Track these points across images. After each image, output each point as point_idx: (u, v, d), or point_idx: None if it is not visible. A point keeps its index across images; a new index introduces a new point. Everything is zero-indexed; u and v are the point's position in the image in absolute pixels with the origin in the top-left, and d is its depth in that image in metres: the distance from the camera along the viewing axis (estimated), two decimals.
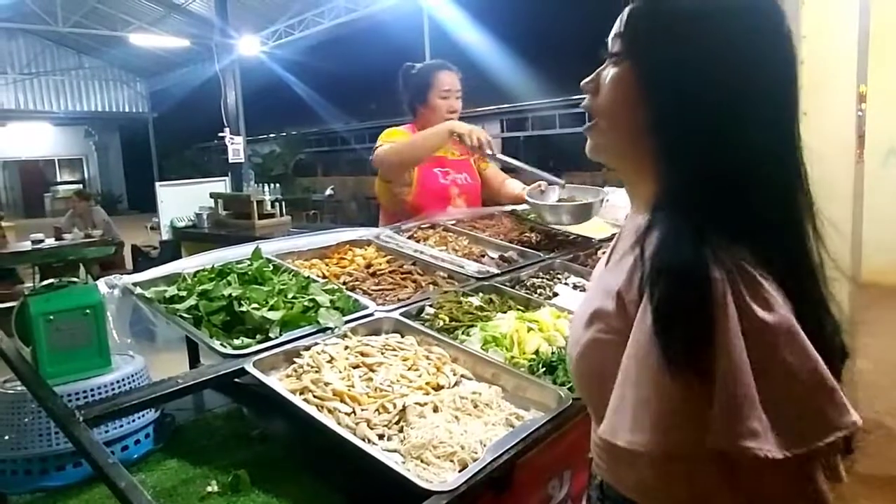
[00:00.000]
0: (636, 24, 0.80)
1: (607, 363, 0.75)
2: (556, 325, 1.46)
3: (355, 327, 1.34)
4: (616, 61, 0.82)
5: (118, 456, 1.09)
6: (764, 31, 0.76)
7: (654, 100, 0.76)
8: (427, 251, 1.96)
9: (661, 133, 0.76)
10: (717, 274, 0.66)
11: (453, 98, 2.45)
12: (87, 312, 1.12)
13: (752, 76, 0.74)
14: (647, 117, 0.77)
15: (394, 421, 1.03)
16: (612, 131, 0.83)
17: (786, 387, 0.67)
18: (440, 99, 2.42)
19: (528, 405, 1.16)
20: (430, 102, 2.42)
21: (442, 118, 2.39)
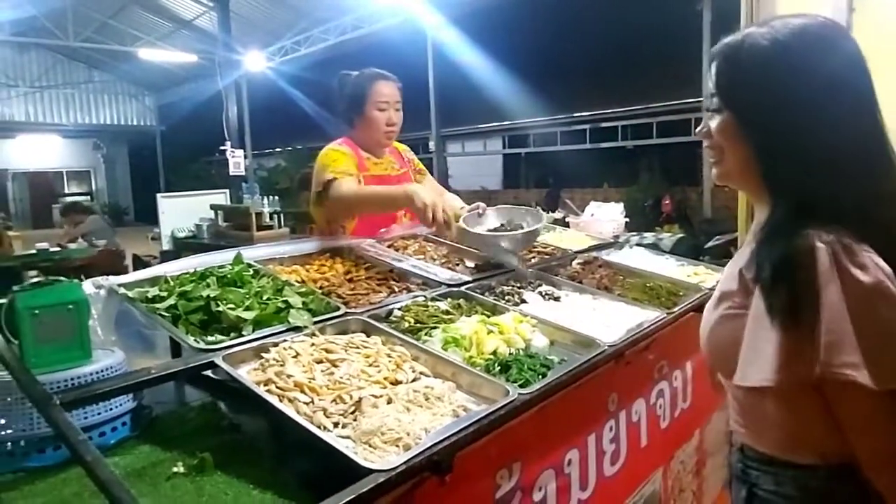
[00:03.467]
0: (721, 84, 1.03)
1: (735, 334, 0.98)
2: (518, 328, 1.53)
3: (324, 327, 1.43)
4: (718, 111, 1.04)
5: (96, 441, 1.17)
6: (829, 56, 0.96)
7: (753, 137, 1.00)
8: (405, 260, 2.05)
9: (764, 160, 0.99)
10: (818, 243, 0.87)
11: (392, 110, 2.32)
12: (70, 308, 1.21)
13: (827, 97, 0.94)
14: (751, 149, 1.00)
15: (349, 411, 1.11)
16: (727, 163, 1.06)
17: (881, 334, 0.86)
18: (377, 111, 2.30)
19: (481, 401, 1.23)
20: (366, 114, 2.30)
21: (379, 131, 2.31)
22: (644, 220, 8.45)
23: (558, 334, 1.61)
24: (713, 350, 1.09)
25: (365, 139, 2.35)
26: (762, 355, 0.91)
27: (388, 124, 2.32)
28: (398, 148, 2.54)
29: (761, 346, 0.92)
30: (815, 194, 0.94)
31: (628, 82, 11.95)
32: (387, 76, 2.35)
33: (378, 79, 2.33)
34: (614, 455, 1.63)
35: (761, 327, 0.92)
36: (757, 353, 0.93)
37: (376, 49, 12.91)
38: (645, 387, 1.78)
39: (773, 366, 0.89)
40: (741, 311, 0.98)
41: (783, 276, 0.90)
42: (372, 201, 2.17)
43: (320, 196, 2.20)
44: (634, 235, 2.92)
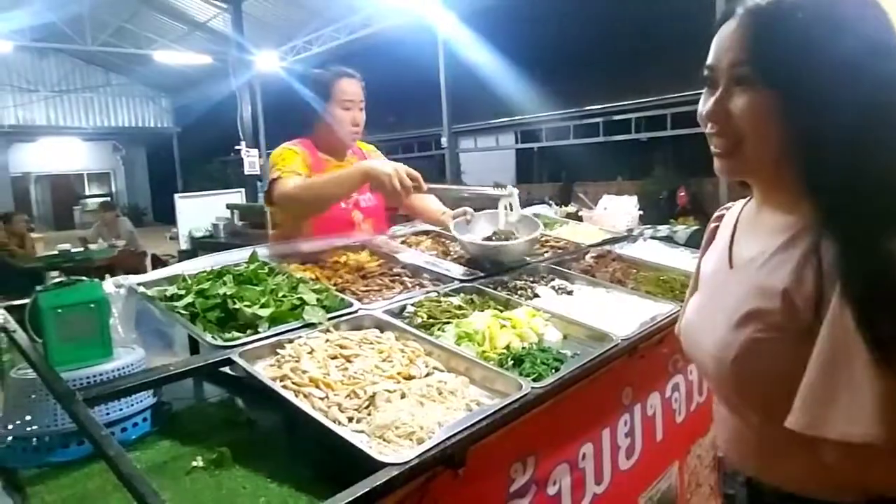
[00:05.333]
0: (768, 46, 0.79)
1: (772, 361, 0.80)
2: (531, 323, 1.54)
3: (338, 323, 1.45)
4: (748, 86, 0.82)
5: (118, 436, 1.20)
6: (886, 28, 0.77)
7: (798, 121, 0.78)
8: (418, 255, 2.06)
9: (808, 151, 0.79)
10: None
11: (356, 109, 2.17)
12: (92, 307, 1.24)
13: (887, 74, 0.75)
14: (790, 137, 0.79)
15: (363, 405, 1.13)
16: (751, 153, 0.84)
17: None
18: (341, 110, 2.14)
19: (495, 395, 1.24)
20: (329, 113, 2.14)
21: (344, 132, 2.16)
22: (659, 212, 8.39)
23: (571, 328, 1.61)
24: (738, 379, 0.86)
25: (327, 140, 2.20)
26: (856, 401, 0.70)
27: (353, 124, 2.17)
28: (363, 148, 2.38)
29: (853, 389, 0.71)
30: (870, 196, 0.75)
31: (641, 74, 11.84)
32: (350, 73, 2.19)
33: (342, 76, 2.17)
34: (629, 449, 1.63)
35: (851, 363, 0.71)
36: (843, 395, 0.72)
37: (387, 46, 12.95)
38: (660, 380, 1.78)
39: (876, 417, 0.69)
40: (778, 334, 0.80)
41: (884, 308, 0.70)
42: (323, 189, 1.95)
43: (267, 195, 2.06)
44: (648, 228, 2.90)
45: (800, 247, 0.80)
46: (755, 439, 0.90)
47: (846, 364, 0.72)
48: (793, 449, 0.82)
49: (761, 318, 0.82)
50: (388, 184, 1.74)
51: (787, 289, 0.79)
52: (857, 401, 0.71)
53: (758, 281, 0.84)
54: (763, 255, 0.86)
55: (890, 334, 0.69)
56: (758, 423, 0.88)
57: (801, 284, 0.78)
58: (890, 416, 0.69)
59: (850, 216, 0.76)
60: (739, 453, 0.93)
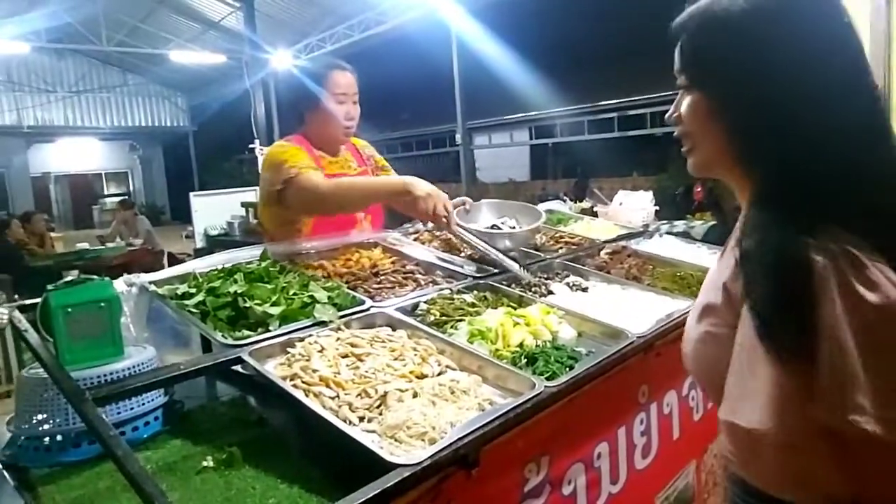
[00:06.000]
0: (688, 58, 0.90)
1: (720, 354, 0.83)
2: (545, 320, 1.51)
3: (350, 321, 1.43)
4: (687, 90, 0.91)
5: (129, 435, 1.20)
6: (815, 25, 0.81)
7: (727, 117, 0.85)
8: (431, 252, 2.04)
9: (741, 142, 0.84)
10: (818, 258, 0.71)
11: (350, 103, 2.08)
12: (102, 305, 1.24)
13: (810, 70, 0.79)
14: (726, 131, 0.86)
15: (375, 405, 1.11)
16: (702, 150, 0.92)
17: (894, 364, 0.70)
18: (335, 104, 2.04)
19: (508, 394, 1.22)
20: (322, 108, 2.04)
21: (337, 126, 2.07)
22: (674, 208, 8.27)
23: (586, 325, 1.58)
24: (696, 371, 0.94)
25: (319, 136, 2.10)
26: (755, 393, 0.75)
27: (347, 119, 2.08)
28: (356, 144, 2.29)
29: (754, 382, 0.75)
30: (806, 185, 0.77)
31: (656, 68, 11.64)
32: (343, 66, 2.09)
33: (334, 68, 2.07)
34: (645, 448, 1.60)
35: (753, 358, 0.75)
36: (748, 388, 0.76)
37: (400, 43, 12.93)
38: (677, 378, 1.74)
39: (770, 409, 0.73)
40: (726, 329, 0.82)
41: (777, 298, 0.73)
42: (363, 191, 1.93)
43: (280, 195, 1.95)
44: (664, 224, 2.86)
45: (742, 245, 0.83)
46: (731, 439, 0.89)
47: (751, 359, 0.76)
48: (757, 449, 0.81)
49: (713, 312, 0.86)
50: (421, 203, 1.76)
51: (726, 283, 0.83)
52: (757, 393, 0.75)
53: (713, 276, 0.90)
54: (727, 251, 0.89)
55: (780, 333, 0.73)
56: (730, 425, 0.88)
57: (735, 280, 0.81)
58: (779, 408, 0.73)
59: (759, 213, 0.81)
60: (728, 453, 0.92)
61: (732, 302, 0.81)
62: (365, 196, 1.96)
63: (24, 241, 7.50)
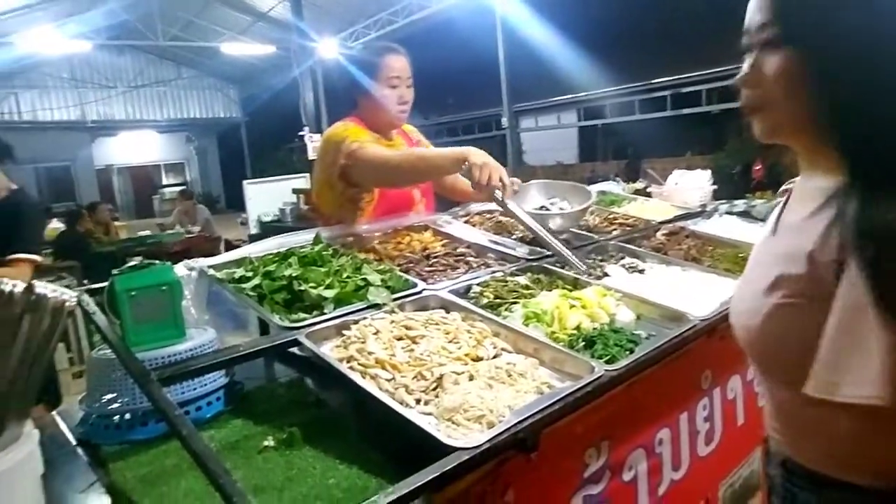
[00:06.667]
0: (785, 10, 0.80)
1: (793, 328, 0.79)
2: (601, 302, 1.47)
3: (403, 304, 1.42)
4: (769, 48, 0.82)
5: (193, 415, 1.23)
6: None
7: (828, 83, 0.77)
8: (482, 235, 2.02)
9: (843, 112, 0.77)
10: None
11: (404, 86, 2.05)
12: (164, 289, 1.27)
13: None
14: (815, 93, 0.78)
15: (431, 387, 1.10)
16: (776, 113, 0.85)
17: None
18: (388, 88, 2.02)
19: (565, 377, 1.19)
20: (375, 92, 2.03)
21: (391, 110, 2.05)
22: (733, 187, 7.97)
23: (644, 308, 1.53)
24: (763, 346, 0.86)
25: (373, 120, 2.08)
26: (865, 363, 0.70)
27: (401, 102, 2.06)
28: (405, 129, 2.28)
29: (863, 351, 0.70)
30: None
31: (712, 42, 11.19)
32: (396, 49, 2.08)
33: (387, 52, 2.05)
34: (708, 434, 1.54)
35: (862, 326, 0.70)
36: (854, 359, 0.71)
37: (445, 27, 12.84)
38: (741, 363, 1.67)
39: (885, 377, 0.68)
40: (803, 300, 0.78)
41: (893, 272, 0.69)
42: (421, 162, 1.88)
43: (344, 171, 1.95)
44: (724, 203, 2.73)
45: (830, 210, 0.78)
46: (784, 416, 0.88)
47: (857, 328, 0.71)
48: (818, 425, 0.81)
49: (788, 283, 0.81)
50: (477, 172, 1.67)
51: (812, 252, 0.78)
52: (866, 363, 0.70)
53: (789, 245, 0.83)
54: (798, 220, 0.85)
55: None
56: (788, 399, 0.86)
57: (825, 248, 0.76)
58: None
59: (871, 177, 0.75)
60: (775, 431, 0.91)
61: (818, 272, 0.76)
62: (430, 166, 1.88)
63: (91, 230, 7.86)
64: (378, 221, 2.05)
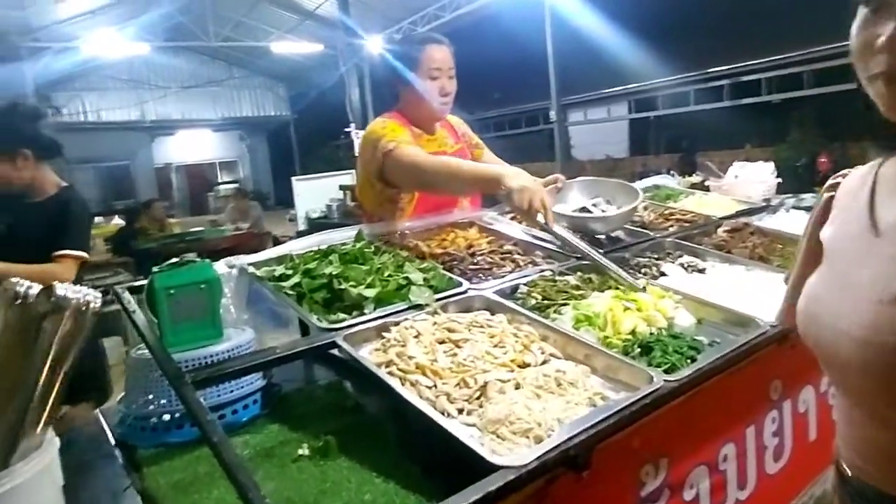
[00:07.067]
0: None
1: None
2: (658, 304, 1.37)
3: (446, 304, 1.36)
4: None
5: (229, 418, 1.20)
6: None
7: None
8: (530, 231, 1.92)
9: None
10: None
11: (445, 78, 1.99)
12: (203, 287, 1.24)
13: None
14: None
15: (474, 396, 1.03)
16: None
17: None
18: (429, 80, 1.97)
19: (619, 387, 1.10)
20: (416, 84, 1.98)
21: (433, 102, 1.99)
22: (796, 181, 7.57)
23: (706, 311, 1.41)
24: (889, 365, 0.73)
25: (416, 113, 2.04)
26: None
27: (443, 94, 2.00)
28: (450, 121, 2.22)
29: None
30: None
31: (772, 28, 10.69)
32: (438, 39, 2.02)
33: (428, 42, 2.00)
34: (777, 450, 1.42)
35: None
36: None
37: (492, 21, 12.68)
38: (813, 372, 1.52)
39: None
40: None
41: None
42: (453, 176, 1.78)
43: (380, 170, 1.91)
44: (790, 197, 2.55)
45: None
46: None
47: None
48: None
49: None
50: (515, 197, 1.56)
51: None
52: None
53: None
54: None
55: None
56: None
57: None
58: None
59: None
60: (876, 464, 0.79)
61: None
62: (463, 183, 1.80)
63: (146, 227, 8.12)
64: (422, 218, 1.98)
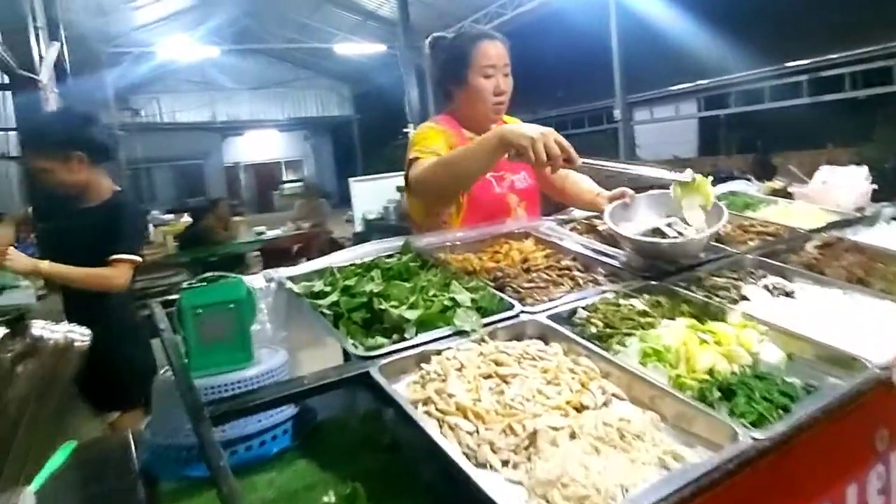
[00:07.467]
0: None
1: None
2: (741, 337, 1.19)
3: (495, 330, 1.22)
4: None
5: (255, 451, 1.11)
6: None
7: None
8: (591, 245, 1.76)
9: None
10: None
11: (500, 76, 1.86)
12: (231, 307, 1.16)
13: None
14: None
15: (522, 445, 0.89)
16: None
17: None
18: (483, 78, 1.85)
19: (693, 441, 0.93)
20: (469, 83, 1.86)
21: (486, 102, 1.86)
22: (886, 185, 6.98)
23: (797, 345, 1.22)
24: None
25: (468, 114, 1.92)
26: None
27: (497, 93, 1.87)
28: (507, 122, 2.03)
29: None
30: None
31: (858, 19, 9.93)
32: (492, 35, 1.89)
33: (481, 38, 1.87)
34: None
35: None
36: None
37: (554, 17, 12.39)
38: None
39: None
40: None
41: None
42: (458, 163, 1.61)
43: (406, 183, 1.82)
44: (888, 206, 2.27)
45: None
46: None
47: None
48: None
49: None
50: (529, 150, 1.35)
51: None
52: None
53: None
54: None
55: None
56: None
57: None
58: None
59: None
60: None
61: None
62: (466, 164, 1.58)
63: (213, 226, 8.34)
64: (474, 228, 1.85)
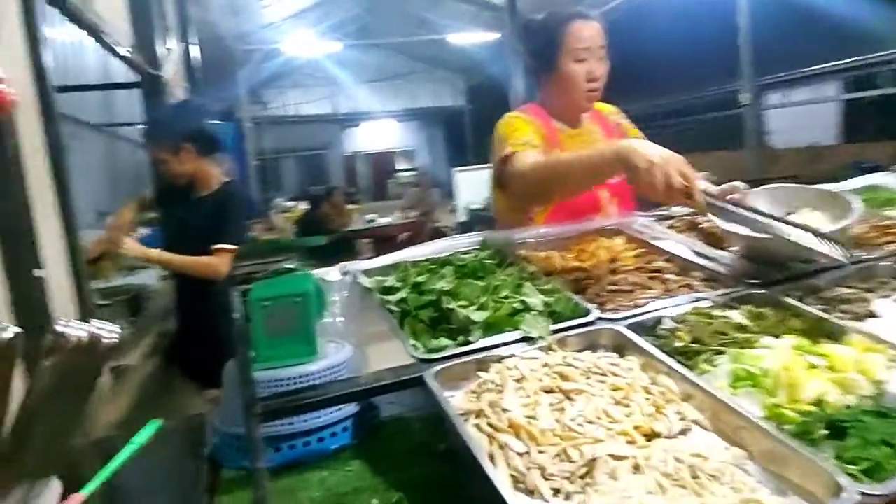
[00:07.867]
0: None
1: None
2: (862, 362, 1.00)
3: (566, 338, 1.13)
4: None
5: (315, 446, 1.11)
6: None
7: None
8: (689, 244, 1.59)
9: None
10: None
11: (594, 60, 1.71)
12: (297, 301, 1.16)
13: None
14: None
15: (578, 474, 0.80)
16: None
17: None
18: (574, 62, 1.70)
19: (786, 488, 0.79)
20: (560, 68, 1.72)
21: (578, 90, 1.72)
22: None
23: None
24: None
25: (558, 103, 1.81)
26: None
27: (590, 79, 1.72)
28: (601, 110, 1.93)
29: None
30: None
31: None
32: (584, 14, 1.73)
33: (573, 19, 1.71)
34: None
35: None
36: None
37: None
38: None
39: None
40: None
41: None
42: (568, 172, 1.49)
43: (499, 177, 1.71)
44: None
45: None
46: None
47: None
48: None
49: None
50: (645, 176, 1.20)
51: None
52: None
53: None
54: None
55: None
56: None
57: None
58: None
59: None
60: None
61: None
62: (578, 176, 1.46)
63: (328, 213, 8.76)
64: (561, 225, 1.74)
